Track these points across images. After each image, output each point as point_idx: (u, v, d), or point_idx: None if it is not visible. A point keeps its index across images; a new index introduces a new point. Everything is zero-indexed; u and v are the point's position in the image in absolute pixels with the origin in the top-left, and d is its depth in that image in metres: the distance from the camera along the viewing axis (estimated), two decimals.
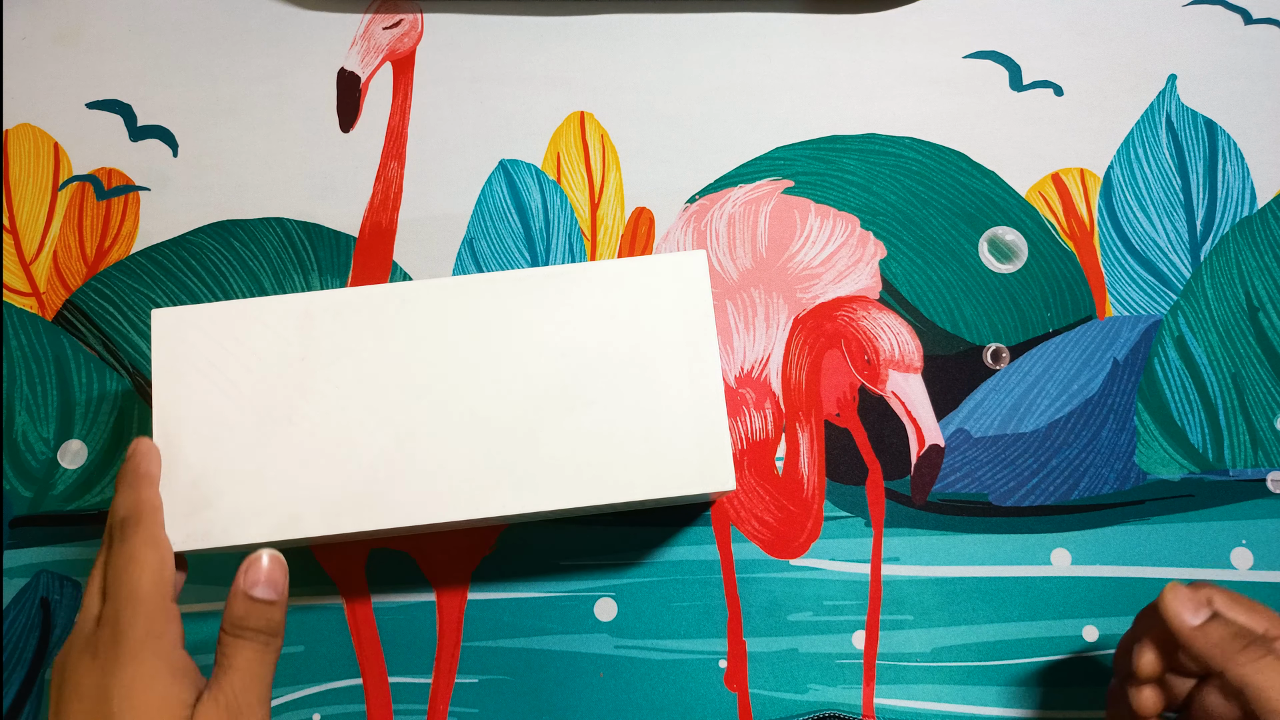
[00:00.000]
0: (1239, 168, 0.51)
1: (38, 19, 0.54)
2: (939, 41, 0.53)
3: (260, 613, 0.35)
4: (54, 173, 0.52)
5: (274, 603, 0.36)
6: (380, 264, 0.51)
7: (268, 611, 0.36)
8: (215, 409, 0.39)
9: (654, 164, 0.52)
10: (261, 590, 0.36)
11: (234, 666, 0.35)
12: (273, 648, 0.36)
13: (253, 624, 0.35)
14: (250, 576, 0.36)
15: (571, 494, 0.38)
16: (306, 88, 0.53)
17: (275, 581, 0.36)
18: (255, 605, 0.35)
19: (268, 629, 0.36)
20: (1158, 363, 0.49)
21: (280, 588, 0.36)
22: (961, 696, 0.45)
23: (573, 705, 0.45)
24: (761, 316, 0.50)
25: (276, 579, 0.36)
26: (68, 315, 0.50)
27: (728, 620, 0.46)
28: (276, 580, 0.36)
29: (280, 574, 0.36)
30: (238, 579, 0.36)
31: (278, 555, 0.37)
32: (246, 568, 0.36)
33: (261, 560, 0.36)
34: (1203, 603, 0.36)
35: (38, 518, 0.48)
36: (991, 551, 0.47)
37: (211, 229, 0.51)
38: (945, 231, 0.51)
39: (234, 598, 0.36)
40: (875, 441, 0.48)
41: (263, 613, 0.35)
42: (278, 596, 0.36)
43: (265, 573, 0.36)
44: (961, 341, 0.49)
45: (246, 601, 0.35)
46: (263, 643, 0.35)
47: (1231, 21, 0.53)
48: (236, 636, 0.35)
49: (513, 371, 0.39)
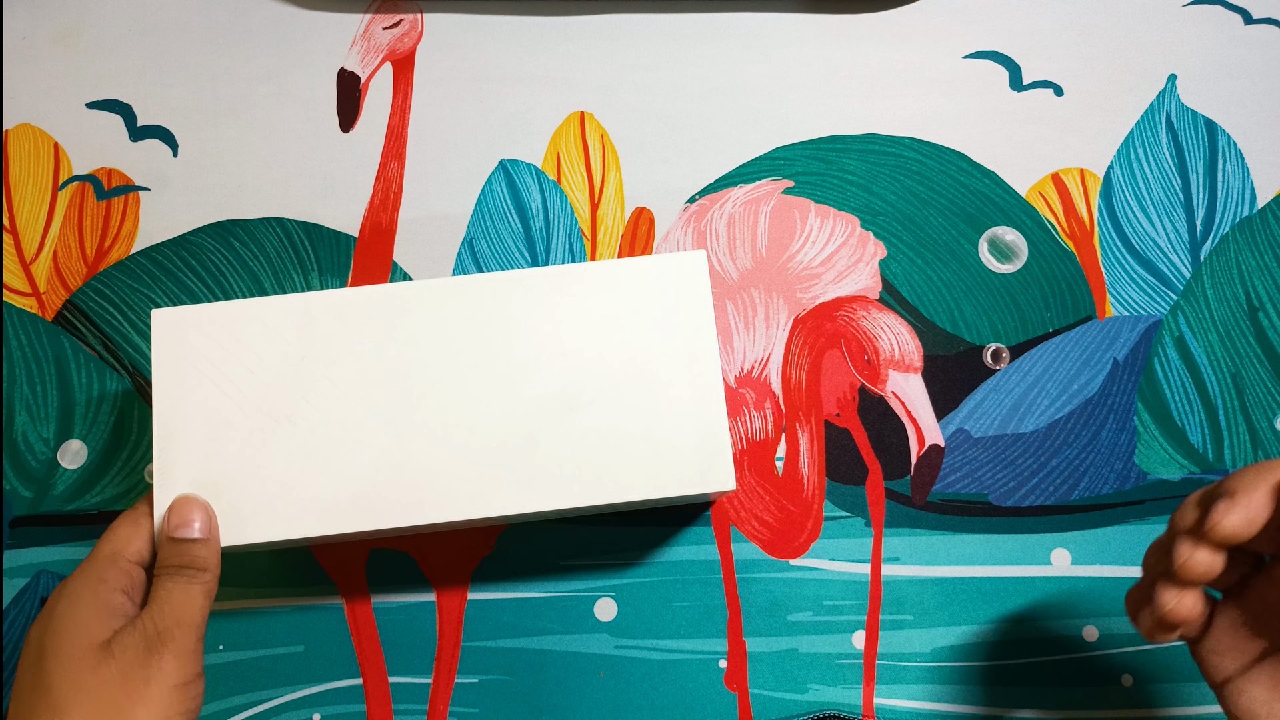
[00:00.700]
0: (1239, 168, 0.51)
1: (38, 19, 0.54)
2: (939, 41, 0.53)
3: (182, 550, 0.37)
4: (54, 173, 0.52)
5: (194, 540, 0.37)
6: (380, 264, 0.51)
7: (190, 549, 0.37)
8: (215, 409, 0.39)
9: (654, 164, 0.52)
10: (180, 530, 0.37)
11: (158, 598, 0.37)
12: (199, 581, 0.37)
13: (174, 561, 0.37)
14: (170, 520, 0.38)
15: (571, 494, 0.38)
16: (306, 88, 0.53)
17: (189, 520, 0.37)
18: (177, 544, 0.37)
19: (191, 564, 0.37)
20: (1158, 363, 0.49)
21: (199, 525, 0.38)
22: (961, 696, 0.45)
23: (573, 705, 0.45)
24: (761, 316, 0.50)
25: (191, 518, 0.38)
26: (68, 315, 0.50)
27: (728, 620, 0.46)
28: (190, 519, 0.37)
29: (196, 512, 0.38)
30: (161, 525, 0.38)
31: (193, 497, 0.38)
32: (167, 512, 0.38)
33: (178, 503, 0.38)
34: None
35: (38, 518, 0.48)
36: (991, 551, 0.47)
37: (211, 229, 0.51)
38: (945, 231, 0.51)
39: (159, 544, 0.38)
40: (875, 441, 0.48)
41: (184, 550, 0.37)
42: (198, 535, 0.37)
43: (180, 514, 0.38)
44: (961, 341, 0.49)
45: (169, 543, 0.37)
46: (186, 577, 0.37)
47: (1231, 21, 0.53)
48: (162, 574, 0.37)
49: (513, 371, 0.39)
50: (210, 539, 0.38)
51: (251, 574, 0.47)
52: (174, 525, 0.38)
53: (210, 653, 0.46)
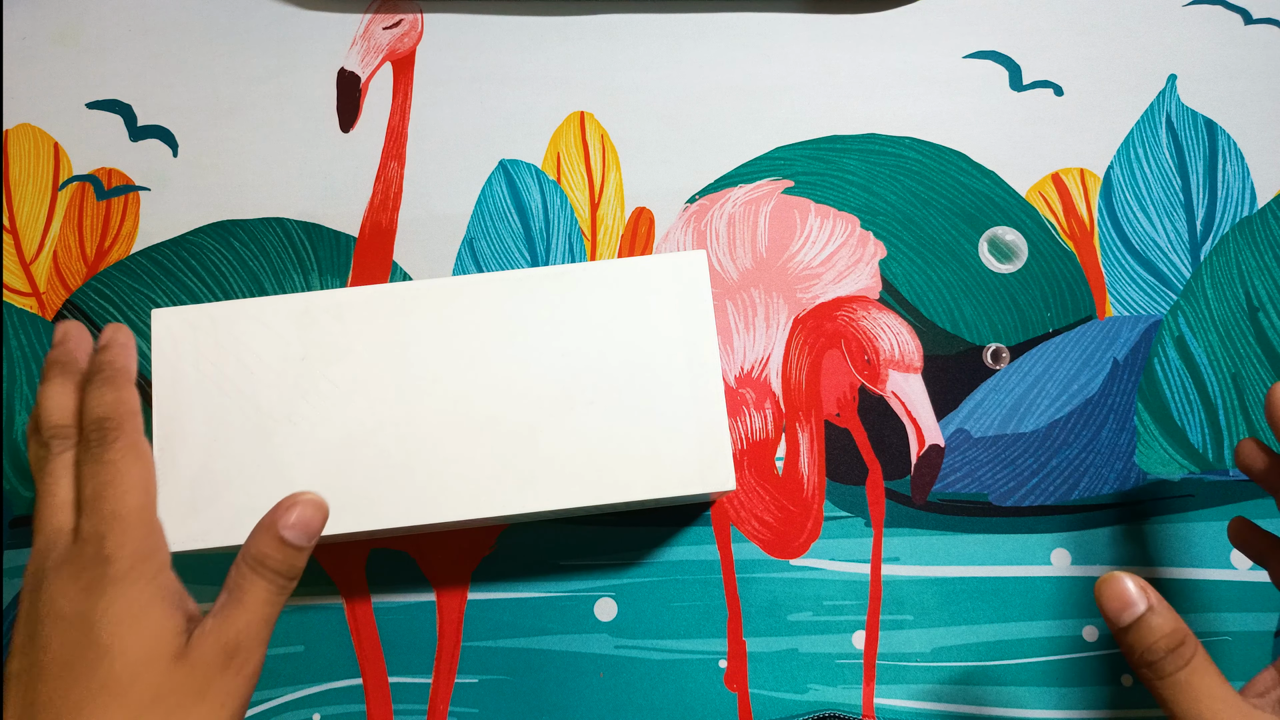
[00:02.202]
0: (1239, 168, 0.51)
1: (38, 19, 0.54)
2: (939, 41, 0.53)
3: (287, 555, 0.34)
4: (54, 173, 0.52)
5: (302, 549, 0.34)
6: (380, 264, 0.51)
7: (294, 556, 0.34)
8: (215, 409, 0.39)
9: (654, 164, 0.52)
10: (294, 534, 0.33)
11: (244, 602, 0.33)
12: (286, 592, 0.34)
13: (275, 564, 0.33)
14: (288, 516, 0.34)
15: (572, 494, 0.38)
16: (306, 88, 0.53)
17: (311, 528, 0.34)
18: (284, 546, 0.33)
19: (288, 573, 0.34)
20: (1158, 363, 0.49)
21: (314, 535, 0.34)
22: (961, 696, 0.45)
23: (573, 705, 0.45)
24: (761, 316, 0.50)
25: (313, 525, 0.34)
26: (68, 315, 0.50)
27: (728, 620, 0.46)
28: (313, 527, 0.34)
29: (319, 521, 0.34)
30: (273, 514, 0.34)
31: (320, 501, 0.34)
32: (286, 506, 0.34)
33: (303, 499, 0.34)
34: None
35: None
36: (991, 551, 0.47)
37: (211, 229, 0.51)
38: (945, 231, 0.51)
39: (264, 531, 0.33)
40: (875, 441, 0.48)
41: (289, 556, 0.34)
42: (308, 544, 0.34)
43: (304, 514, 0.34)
44: (961, 341, 0.49)
45: (276, 540, 0.33)
46: (280, 585, 0.33)
47: (1231, 21, 0.53)
48: (255, 571, 0.33)
49: (513, 371, 0.39)
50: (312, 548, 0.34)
51: None
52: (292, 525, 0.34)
53: None
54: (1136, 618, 0.33)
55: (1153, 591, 0.34)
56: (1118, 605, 0.33)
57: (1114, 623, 0.34)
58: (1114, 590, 0.34)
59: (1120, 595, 0.33)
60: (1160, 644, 0.32)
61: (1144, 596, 0.33)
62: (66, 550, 0.33)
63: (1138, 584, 0.34)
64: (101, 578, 0.32)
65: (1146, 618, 0.33)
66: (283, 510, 0.34)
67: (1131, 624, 0.33)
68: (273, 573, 0.33)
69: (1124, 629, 0.33)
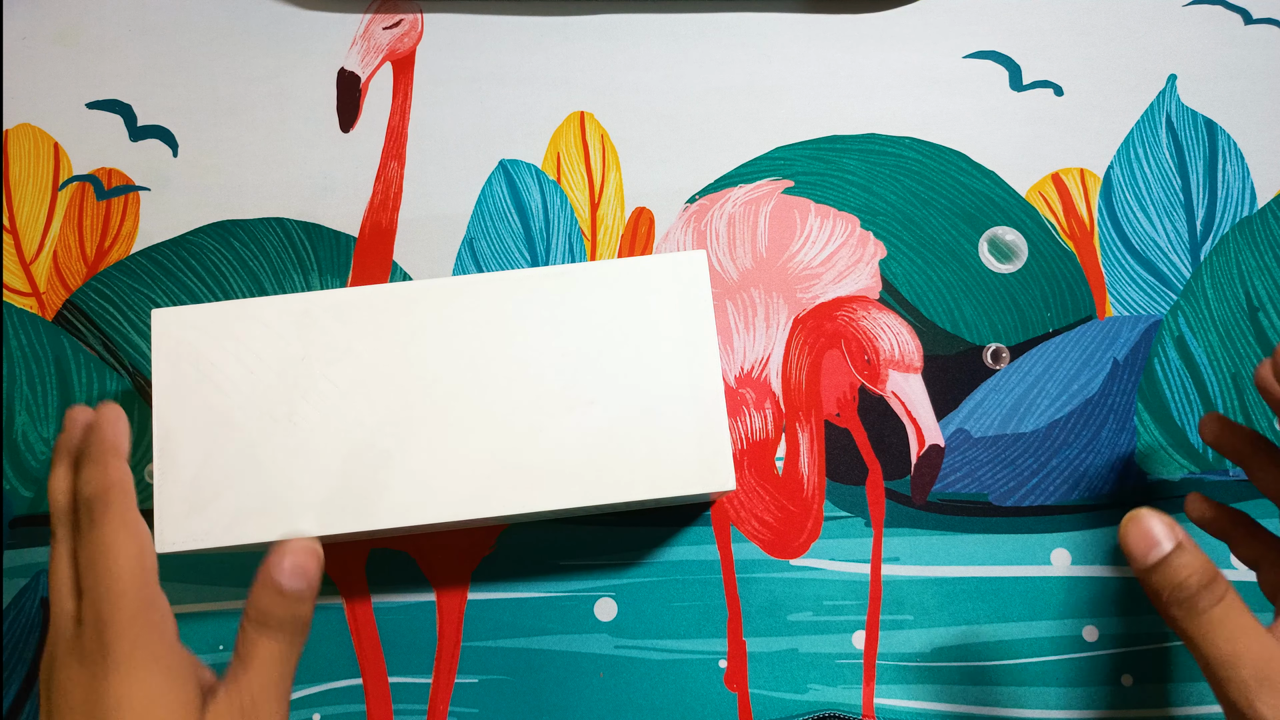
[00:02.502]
0: (1239, 168, 0.51)
1: (38, 19, 0.54)
2: (939, 41, 0.53)
3: (288, 605, 0.32)
4: (54, 173, 0.52)
5: (303, 595, 0.33)
6: (380, 264, 0.51)
7: (296, 604, 0.32)
8: (215, 409, 0.39)
9: (654, 164, 0.52)
10: (291, 580, 0.32)
11: (254, 663, 0.32)
12: (297, 645, 0.33)
13: (279, 617, 0.32)
14: (281, 564, 0.33)
15: (572, 494, 0.38)
16: (306, 88, 0.53)
17: (307, 571, 0.33)
18: (283, 596, 0.32)
19: (294, 624, 0.32)
20: (1158, 363, 0.49)
21: (312, 578, 0.33)
22: (961, 696, 0.45)
23: (573, 705, 0.45)
24: (761, 316, 0.50)
25: (309, 568, 0.33)
26: (68, 315, 0.50)
27: (728, 620, 0.46)
28: (309, 570, 0.33)
29: (314, 563, 0.33)
30: (267, 565, 0.33)
31: (313, 544, 0.33)
32: (279, 554, 0.33)
33: (294, 546, 0.33)
34: None
35: (38, 518, 0.48)
36: (991, 551, 0.47)
37: (211, 229, 0.51)
38: (945, 231, 0.51)
39: (261, 586, 0.32)
40: (875, 441, 0.48)
41: (290, 605, 0.32)
42: (308, 587, 0.33)
43: (297, 560, 0.33)
44: (961, 341, 0.49)
45: (274, 592, 0.32)
46: (287, 639, 0.32)
47: (1231, 21, 0.53)
48: (260, 629, 0.32)
49: (512, 371, 0.39)
50: (314, 592, 0.33)
51: (252, 574, 0.47)
52: (287, 571, 0.32)
53: (210, 652, 0.46)
54: (1164, 555, 0.32)
55: (1180, 529, 0.32)
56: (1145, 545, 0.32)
57: (1139, 562, 0.32)
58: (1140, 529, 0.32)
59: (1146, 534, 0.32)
60: (1192, 579, 0.31)
61: (1171, 534, 0.32)
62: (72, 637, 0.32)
63: (1165, 521, 0.32)
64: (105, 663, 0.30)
65: (1175, 554, 0.32)
66: (275, 559, 0.33)
67: (1159, 562, 0.32)
68: (278, 628, 0.32)
69: (1150, 568, 0.32)
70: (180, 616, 0.46)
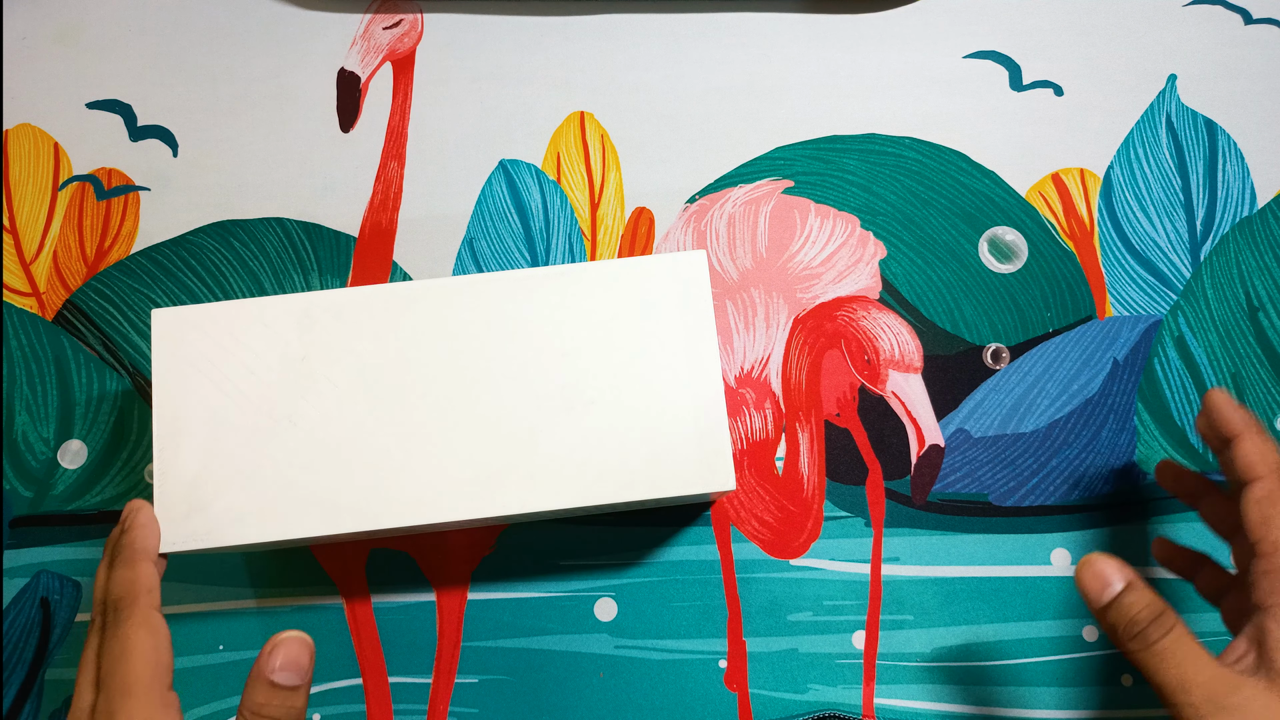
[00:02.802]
0: (1239, 168, 0.51)
1: (38, 19, 0.54)
2: (939, 41, 0.53)
3: (282, 699, 0.33)
4: (54, 173, 0.52)
5: (296, 688, 0.33)
6: (380, 264, 0.51)
7: (290, 698, 0.33)
8: (215, 409, 0.39)
9: (654, 164, 0.52)
10: (283, 675, 0.33)
11: None
12: None
13: (273, 712, 0.33)
14: (272, 660, 0.33)
15: (572, 494, 0.38)
16: (306, 88, 0.53)
17: (299, 665, 0.33)
18: (277, 691, 0.33)
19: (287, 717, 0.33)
20: (1158, 363, 0.49)
21: (304, 672, 0.34)
22: (961, 696, 0.45)
23: (573, 705, 0.45)
24: (761, 316, 0.50)
25: (301, 662, 0.34)
26: (68, 315, 0.50)
27: (728, 620, 0.46)
28: (301, 664, 0.34)
29: (306, 657, 0.34)
30: (260, 661, 0.34)
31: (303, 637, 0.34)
32: (269, 650, 0.34)
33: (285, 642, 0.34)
34: None
35: (38, 518, 0.48)
36: (991, 551, 0.47)
37: (211, 229, 0.51)
38: (945, 231, 0.51)
39: (255, 681, 0.33)
40: (875, 441, 0.48)
41: (284, 699, 0.33)
42: (301, 681, 0.34)
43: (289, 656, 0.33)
44: (961, 341, 0.49)
45: (268, 687, 0.33)
46: None
47: (1231, 21, 0.53)
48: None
49: (513, 371, 0.39)
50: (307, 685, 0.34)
51: (251, 574, 0.47)
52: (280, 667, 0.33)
53: (210, 653, 0.46)
54: (1116, 594, 0.35)
55: (1130, 570, 0.35)
56: (1098, 585, 0.35)
57: (1094, 602, 0.35)
58: (1093, 571, 0.35)
59: (1099, 575, 0.35)
60: (1143, 614, 0.34)
61: (1122, 574, 0.35)
62: None
63: (1116, 563, 0.35)
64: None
65: (1126, 593, 0.35)
66: (266, 656, 0.34)
67: (1112, 601, 0.35)
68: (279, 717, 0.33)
69: (1105, 607, 0.35)
70: (180, 616, 0.46)
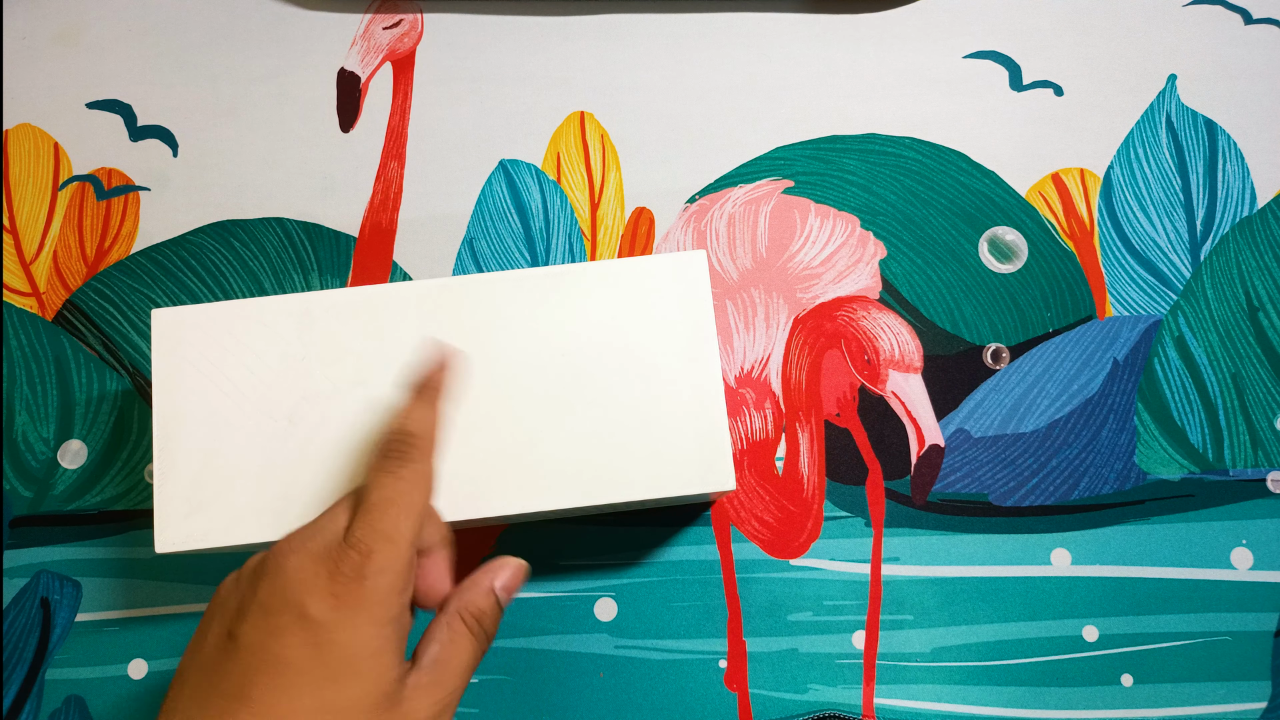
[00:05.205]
0: (1239, 168, 0.51)
1: (38, 19, 0.54)
2: (939, 41, 0.53)
3: (497, 616, 0.34)
4: (54, 173, 0.52)
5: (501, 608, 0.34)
6: (380, 264, 0.51)
7: (499, 618, 0.34)
8: (215, 409, 0.39)
9: (654, 164, 0.52)
10: (506, 596, 0.34)
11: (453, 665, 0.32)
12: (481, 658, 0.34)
13: (489, 623, 0.34)
14: (506, 579, 0.34)
15: (572, 494, 0.38)
16: (306, 88, 0.53)
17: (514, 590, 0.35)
18: (498, 606, 0.34)
19: (492, 635, 0.34)
20: (1158, 363, 0.49)
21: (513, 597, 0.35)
22: (961, 696, 0.45)
23: (573, 705, 0.45)
24: (761, 316, 0.50)
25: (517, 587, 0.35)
26: (68, 315, 0.50)
27: (728, 620, 0.46)
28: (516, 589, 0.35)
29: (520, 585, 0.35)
30: (491, 574, 0.34)
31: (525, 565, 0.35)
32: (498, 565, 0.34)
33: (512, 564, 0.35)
34: None
35: (38, 518, 0.48)
36: (991, 551, 0.47)
37: (211, 229, 0.51)
38: (945, 231, 0.51)
39: (483, 592, 0.34)
40: (875, 441, 0.48)
41: (498, 618, 0.34)
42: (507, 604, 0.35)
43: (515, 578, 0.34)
44: (961, 341, 0.49)
45: (493, 600, 0.34)
46: (484, 648, 0.33)
47: (1231, 21, 0.53)
48: (470, 630, 0.33)
49: (513, 371, 0.39)
50: None
51: None
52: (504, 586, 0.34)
53: None
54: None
55: None
56: None
57: None
58: None
59: None
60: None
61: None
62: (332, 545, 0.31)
63: None
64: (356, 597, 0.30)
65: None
66: (495, 569, 0.34)
67: None
68: (484, 633, 0.33)
69: None
70: (181, 616, 0.46)
